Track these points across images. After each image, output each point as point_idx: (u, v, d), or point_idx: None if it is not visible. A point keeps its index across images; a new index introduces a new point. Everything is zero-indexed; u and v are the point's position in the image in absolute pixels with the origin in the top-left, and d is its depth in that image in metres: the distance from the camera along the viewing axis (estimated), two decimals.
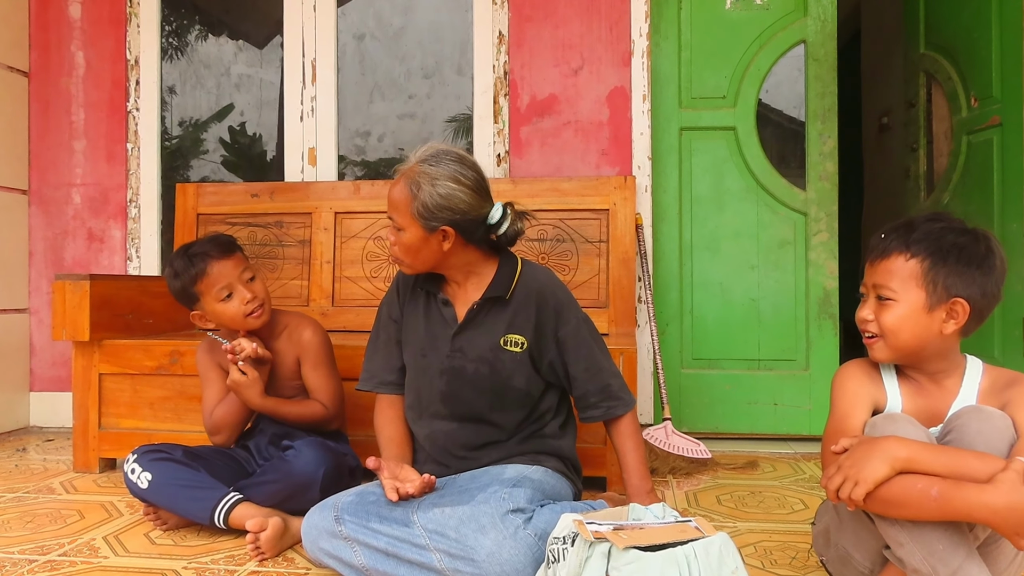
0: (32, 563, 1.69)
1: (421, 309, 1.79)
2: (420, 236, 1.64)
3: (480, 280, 1.74)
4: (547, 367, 1.74)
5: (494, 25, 3.04)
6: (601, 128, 2.99)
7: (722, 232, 3.04)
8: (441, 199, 1.61)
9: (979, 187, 2.93)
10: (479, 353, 1.72)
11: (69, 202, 3.30)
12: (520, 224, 1.74)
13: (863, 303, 1.37)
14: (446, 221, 1.63)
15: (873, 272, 1.35)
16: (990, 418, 1.22)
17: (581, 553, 1.25)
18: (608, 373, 1.76)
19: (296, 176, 3.19)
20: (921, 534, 1.18)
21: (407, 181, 1.64)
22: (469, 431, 1.73)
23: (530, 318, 1.72)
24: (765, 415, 2.98)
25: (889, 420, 1.26)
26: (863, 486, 1.17)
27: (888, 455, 1.17)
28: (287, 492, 1.79)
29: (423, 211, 1.62)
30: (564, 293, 1.77)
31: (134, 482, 1.84)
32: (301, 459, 1.78)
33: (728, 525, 1.94)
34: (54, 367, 3.30)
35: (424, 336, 1.77)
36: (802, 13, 3.03)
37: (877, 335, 1.34)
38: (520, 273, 1.75)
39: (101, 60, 3.28)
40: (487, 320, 1.73)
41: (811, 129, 3.04)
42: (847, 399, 1.37)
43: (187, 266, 1.93)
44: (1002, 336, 2.77)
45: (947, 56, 3.14)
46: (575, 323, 1.74)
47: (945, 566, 1.16)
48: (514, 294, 1.73)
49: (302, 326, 2.04)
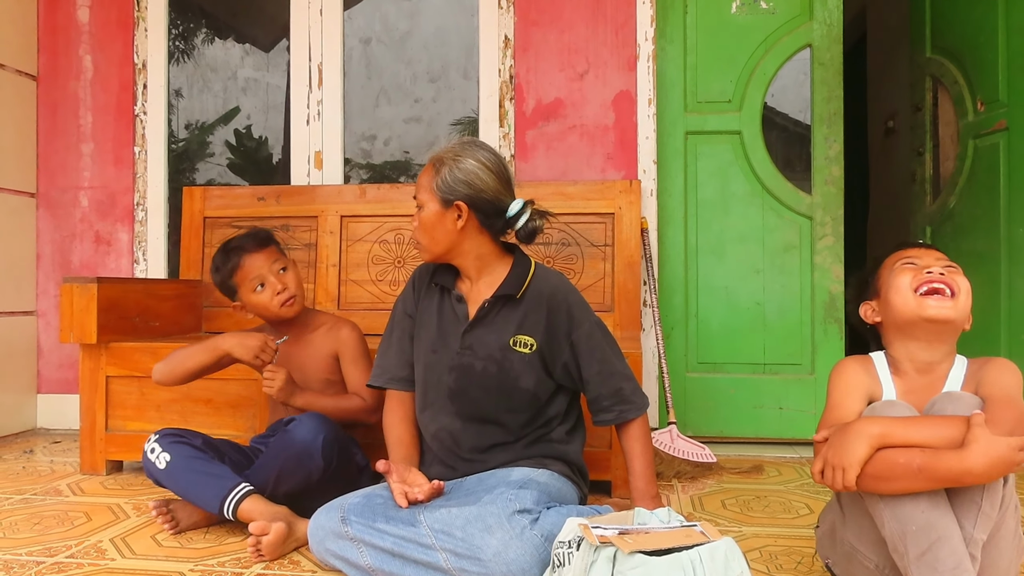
0: (39, 565, 1.69)
1: (435, 305, 1.82)
2: (437, 211, 1.71)
3: (493, 279, 1.77)
4: (561, 370, 1.75)
5: (500, 29, 3.05)
6: (606, 132, 3.00)
7: (727, 236, 3.04)
8: (460, 174, 1.69)
9: (985, 191, 2.92)
10: (488, 352, 1.73)
11: (77, 205, 3.32)
12: (539, 222, 1.78)
13: (928, 276, 1.39)
14: (461, 196, 1.69)
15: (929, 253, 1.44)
16: (960, 399, 1.29)
17: (586, 557, 1.25)
18: (621, 376, 1.76)
19: (302, 179, 3.20)
20: (900, 512, 1.22)
21: (433, 162, 1.74)
22: (475, 431, 1.74)
23: (541, 320, 1.74)
24: (770, 419, 2.97)
25: (888, 406, 1.32)
26: (851, 470, 1.23)
27: (863, 433, 1.24)
28: (289, 465, 1.81)
29: (442, 185, 1.70)
30: (576, 296, 1.79)
31: (152, 462, 1.86)
32: (300, 428, 1.81)
33: (733, 529, 1.94)
34: (61, 369, 3.32)
35: (436, 332, 1.79)
36: (808, 17, 3.03)
37: (954, 289, 1.38)
38: (533, 275, 1.77)
39: (109, 64, 3.30)
40: (498, 319, 1.75)
41: (817, 133, 3.04)
42: (840, 390, 1.44)
43: (224, 260, 2.05)
44: (1009, 339, 2.76)
45: (953, 60, 3.14)
46: (588, 326, 1.75)
47: (915, 546, 1.20)
48: (526, 295, 1.75)
49: (340, 324, 2.15)
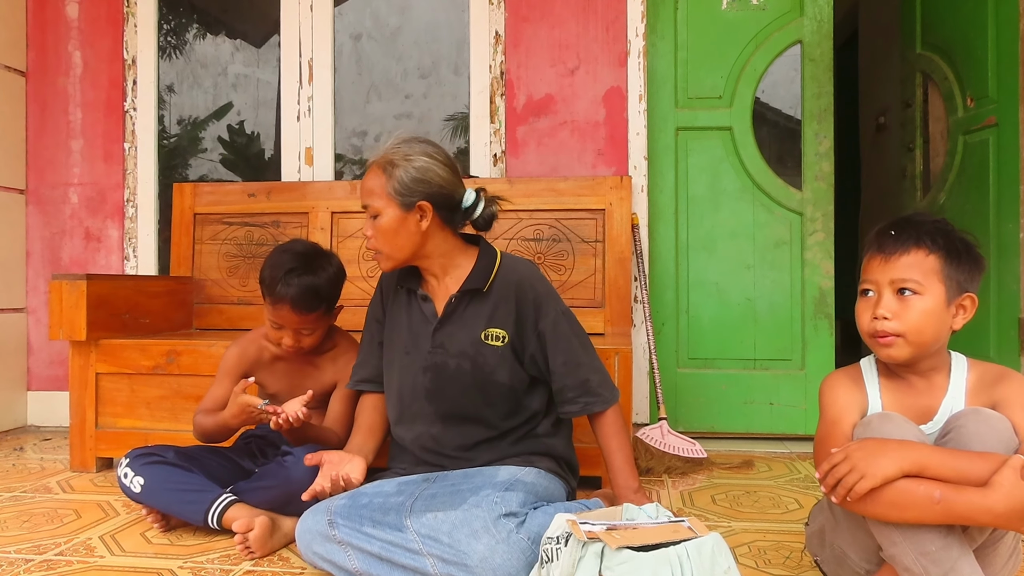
0: (28, 562, 1.69)
1: (403, 308, 1.80)
2: (397, 216, 1.66)
3: (459, 274, 1.75)
4: (529, 360, 1.74)
5: (491, 25, 3.05)
6: (597, 128, 3.00)
7: (718, 232, 3.05)
8: (417, 172, 1.66)
9: (975, 187, 2.93)
10: (460, 348, 1.72)
11: (66, 202, 3.31)
12: (493, 207, 1.77)
13: (872, 303, 1.32)
14: (423, 195, 1.66)
15: (890, 268, 1.30)
16: (988, 420, 1.22)
17: (574, 553, 1.25)
18: (588, 368, 1.74)
19: (293, 176, 3.19)
20: (914, 534, 1.18)
21: (379, 167, 1.68)
22: (456, 431, 1.73)
23: (510, 311, 1.72)
24: (761, 415, 2.98)
25: (885, 419, 1.26)
26: (869, 480, 1.16)
27: (899, 456, 1.17)
28: (284, 498, 1.79)
29: (399, 187, 1.65)
30: (544, 285, 1.76)
31: (127, 486, 1.84)
32: (299, 466, 1.77)
33: (723, 525, 1.95)
34: (51, 366, 3.31)
35: (407, 334, 1.78)
36: (798, 13, 3.03)
37: (897, 334, 1.29)
38: (499, 265, 1.75)
39: (98, 60, 3.28)
40: (467, 314, 1.73)
41: (807, 129, 3.04)
42: (837, 405, 1.37)
43: (271, 283, 1.89)
44: (998, 336, 2.78)
45: (943, 56, 3.15)
46: (554, 316, 1.73)
47: (937, 567, 1.17)
48: (493, 287, 1.73)
49: (350, 353, 2.02)
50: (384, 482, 1.66)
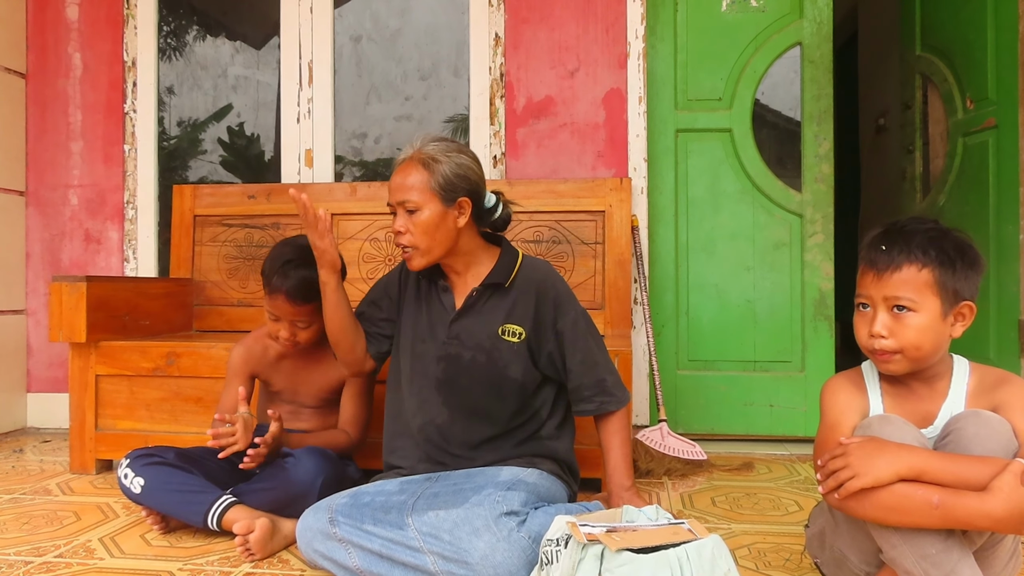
0: (28, 565, 1.69)
1: (422, 296, 1.83)
2: (439, 212, 1.68)
3: (479, 271, 1.78)
4: (546, 359, 1.76)
5: (490, 27, 3.05)
6: (597, 130, 3.00)
7: (718, 234, 3.05)
8: (459, 169, 1.69)
9: (975, 189, 2.93)
10: (477, 341, 1.74)
11: (66, 203, 3.31)
12: (510, 208, 1.83)
13: (868, 318, 1.32)
14: (464, 192, 1.69)
15: (883, 285, 1.29)
16: (988, 422, 1.22)
17: (574, 555, 1.25)
18: (604, 368, 1.78)
19: (293, 177, 3.19)
20: (914, 537, 1.18)
21: (419, 162, 1.68)
22: (463, 425, 1.74)
23: (529, 309, 1.75)
24: (761, 416, 2.98)
25: (884, 421, 1.27)
26: (860, 480, 1.17)
27: (897, 460, 1.17)
28: (284, 500, 1.79)
29: (444, 183, 1.67)
30: (564, 286, 1.80)
31: (128, 487, 1.84)
32: (300, 468, 1.78)
33: (722, 527, 1.94)
34: (51, 368, 3.31)
35: (423, 323, 1.79)
36: (798, 15, 3.03)
37: (895, 351, 1.29)
38: (521, 264, 1.79)
39: (98, 62, 3.28)
40: (486, 308, 1.75)
41: (807, 131, 3.04)
42: (837, 409, 1.37)
43: (269, 273, 1.94)
44: (998, 338, 2.78)
45: (943, 58, 3.15)
46: (574, 316, 1.77)
47: (937, 569, 1.17)
48: (514, 283, 1.76)
49: None
50: (386, 482, 1.67)
